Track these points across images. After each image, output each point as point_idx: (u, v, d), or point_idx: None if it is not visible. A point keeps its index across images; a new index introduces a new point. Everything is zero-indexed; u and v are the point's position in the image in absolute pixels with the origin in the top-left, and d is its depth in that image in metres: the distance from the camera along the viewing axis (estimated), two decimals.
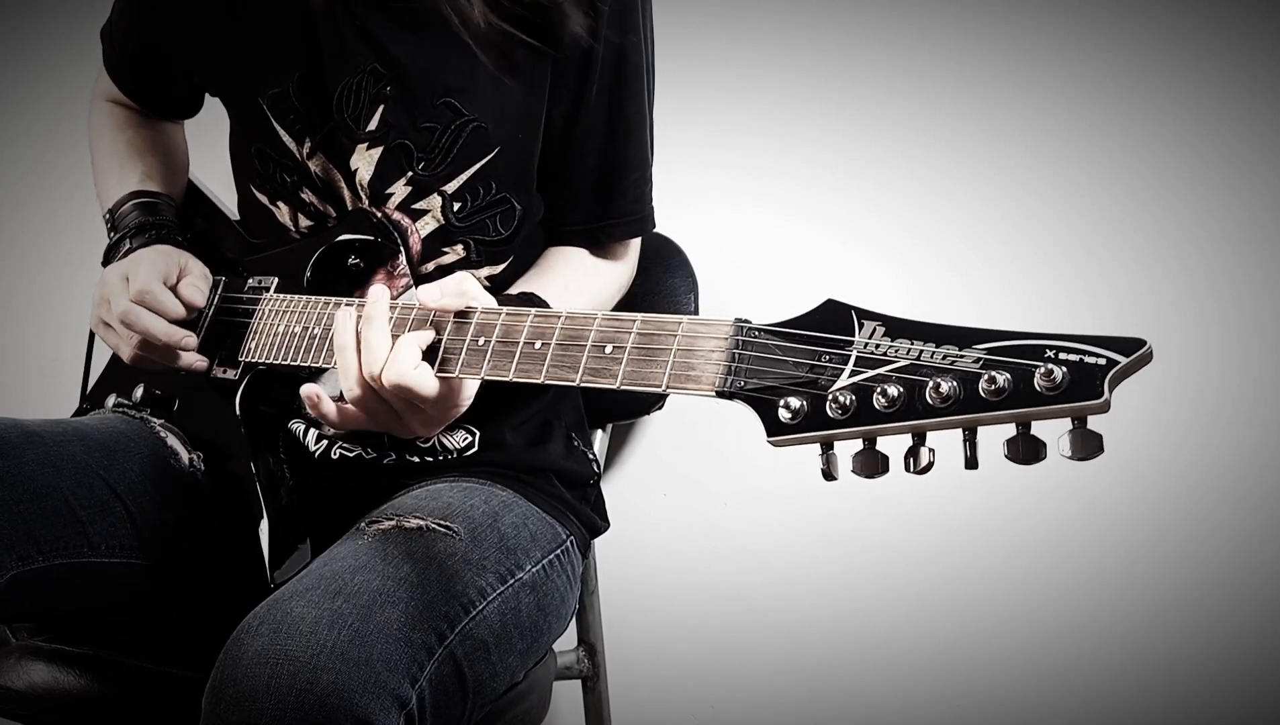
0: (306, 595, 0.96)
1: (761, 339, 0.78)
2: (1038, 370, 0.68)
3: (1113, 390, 0.67)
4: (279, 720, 0.88)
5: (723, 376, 0.79)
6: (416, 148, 1.19)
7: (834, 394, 0.73)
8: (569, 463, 1.30)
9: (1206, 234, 1.57)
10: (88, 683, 1.16)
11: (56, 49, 2.00)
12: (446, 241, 1.22)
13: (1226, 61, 1.56)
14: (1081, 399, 0.67)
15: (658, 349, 0.83)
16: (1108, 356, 0.67)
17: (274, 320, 1.17)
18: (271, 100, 1.21)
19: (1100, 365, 0.67)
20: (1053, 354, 0.68)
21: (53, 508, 1.10)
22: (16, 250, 2.04)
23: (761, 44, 1.71)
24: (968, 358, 0.71)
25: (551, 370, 0.89)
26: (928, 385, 0.70)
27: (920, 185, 1.66)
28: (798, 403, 0.75)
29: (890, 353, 0.73)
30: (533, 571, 1.15)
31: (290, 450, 1.23)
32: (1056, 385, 0.67)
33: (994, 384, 0.69)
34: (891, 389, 0.72)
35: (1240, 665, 1.56)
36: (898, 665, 1.68)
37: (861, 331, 0.75)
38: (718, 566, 1.74)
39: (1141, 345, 0.67)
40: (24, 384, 2.01)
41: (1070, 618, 1.62)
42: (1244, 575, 1.56)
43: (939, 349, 0.72)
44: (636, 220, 1.29)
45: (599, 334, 0.87)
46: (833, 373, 0.74)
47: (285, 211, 1.26)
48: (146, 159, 1.38)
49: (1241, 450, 1.55)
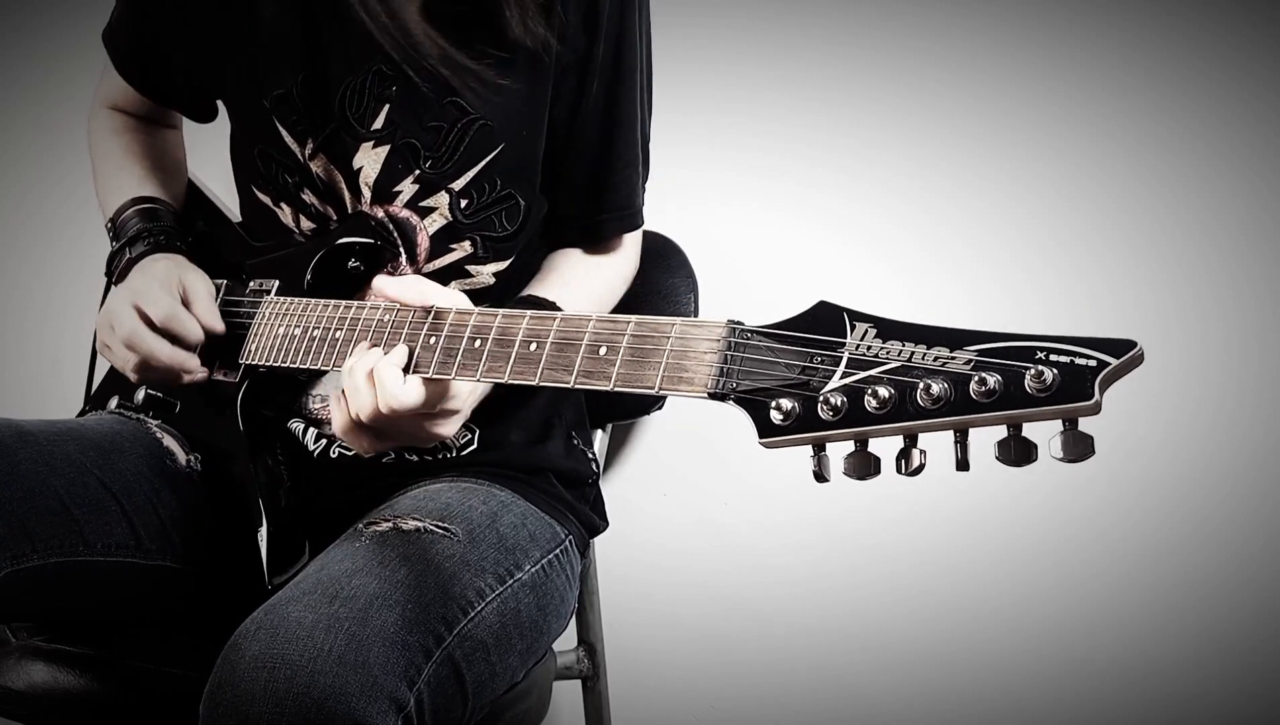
0: (303, 599, 0.96)
1: (754, 340, 0.78)
2: (1028, 372, 0.68)
3: (1104, 392, 0.67)
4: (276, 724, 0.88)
5: (715, 378, 0.79)
6: (424, 146, 1.20)
7: (825, 395, 0.73)
8: (568, 462, 1.31)
9: (1204, 232, 1.57)
10: (88, 683, 1.17)
11: (57, 51, 2.00)
12: (454, 238, 1.23)
13: (1226, 61, 1.56)
14: (1072, 401, 0.66)
15: (651, 350, 0.83)
16: (1098, 358, 0.67)
17: (274, 323, 1.17)
18: (275, 101, 1.22)
19: (1091, 367, 0.67)
20: (1043, 356, 0.68)
21: (47, 506, 1.11)
22: (16, 251, 2.05)
23: (761, 44, 1.71)
24: (958, 359, 0.71)
25: (547, 372, 0.89)
26: (919, 387, 0.70)
27: (920, 185, 1.66)
28: (789, 404, 0.75)
29: (881, 354, 0.73)
30: (532, 571, 1.15)
31: (289, 450, 1.23)
32: (1047, 387, 0.67)
33: (985, 386, 0.69)
34: (883, 390, 0.72)
35: (1240, 665, 1.56)
36: (898, 665, 1.68)
37: (853, 333, 0.75)
38: (718, 566, 1.74)
39: (1132, 347, 0.67)
40: (24, 384, 2.02)
41: (1070, 617, 1.62)
42: (1241, 573, 1.55)
43: (930, 351, 0.72)
44: (627, 215, 1.30)
45: (594, 336, 0.87)
46: (824, 374, 0.74)
47: (288, 213, 1.27)
48: (143, 163, 1.38)
49: (1236, 449, 1.55)
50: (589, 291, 1.27)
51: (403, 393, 0.96)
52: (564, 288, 1.23)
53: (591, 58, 1.21)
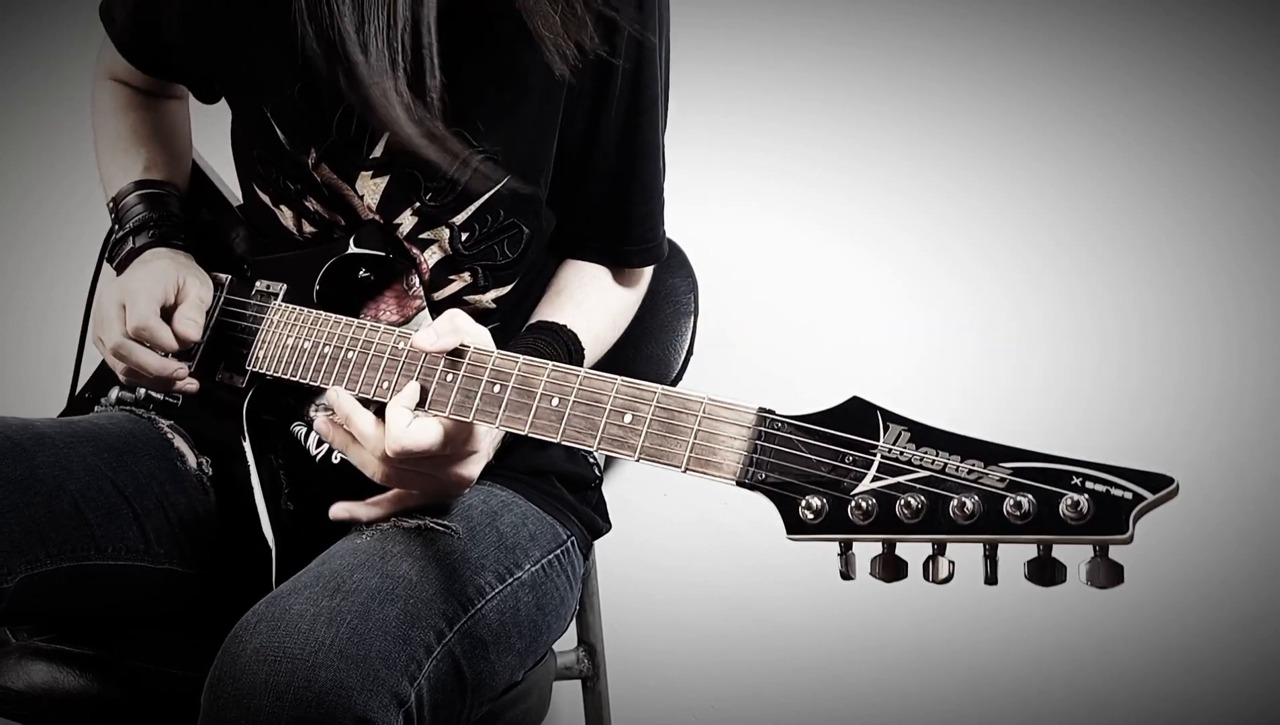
0: (305, 593, 0.96)
1: (784, 433, 0.78)
2: (1063, 499, 0.68)
3: (1135, 525, 0.67)
4: (277, 717, 0.88)
5: (744, 467, 0.79)
6: (424, 177, 1.16)
7: (857, 498, 0.74)
8: (570, 465, 1.30)
9: (1204, 231, 1.57)
10: (88, 683, 1.17)
11: (57, 51, 1.96)
12: (453, 270, 1.20)
13: (1226, 61, 1.55)
14: (1106, 533, 0.67)
15: (678, 427, 0.83)
16: (1134, 491, 0.67)
17: (282, 331, 1.15)
18: (274, 107, 1.18)
19: (1127, 499, 0.67)
20: (1079, 482, 0.68)
21: (62, 510, 1.10)
22: (16, 250, 2.02)
23: (762, 44, 1.69)
24: (992, 476, 0.71)
25: (569, 432, 0.89)
26: (952, 501, 0.71)
27: (920, 185, 1.65)
28: (819, 502, 0.75)
29: (915, 461, 0.73)
30: (531, 571, 1.15)
31: (291, 454, 1.23)
32: (1082, 515, 0.68)
33: (1019, 509, 0.69)
34: (914, 500, 0.72)
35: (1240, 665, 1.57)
36: (898, 665, 1.70)
37: (886, 435, 0.75)
38: (718, 566, 1.75)
39: (1169, 483, 0.67)
40: (24, 384, 2.00)
41: (1070, 617, 1.63)
42: (1241, 572, 1.57)
43: (964, 463, 0.72)
44: (654, 247, 1.28)
45: (619, 400, 0.87)
46: (855, 476, 0.74)
47: (289, 215, 1.24)
48: (150, 145, 1.34)
49: (1236, 448, 1.56)
50: (600, 314, 1.24)
51: (411, 433, 0.94)
52: (577, 310, 1.21)
53: (610, 80, 1.17)
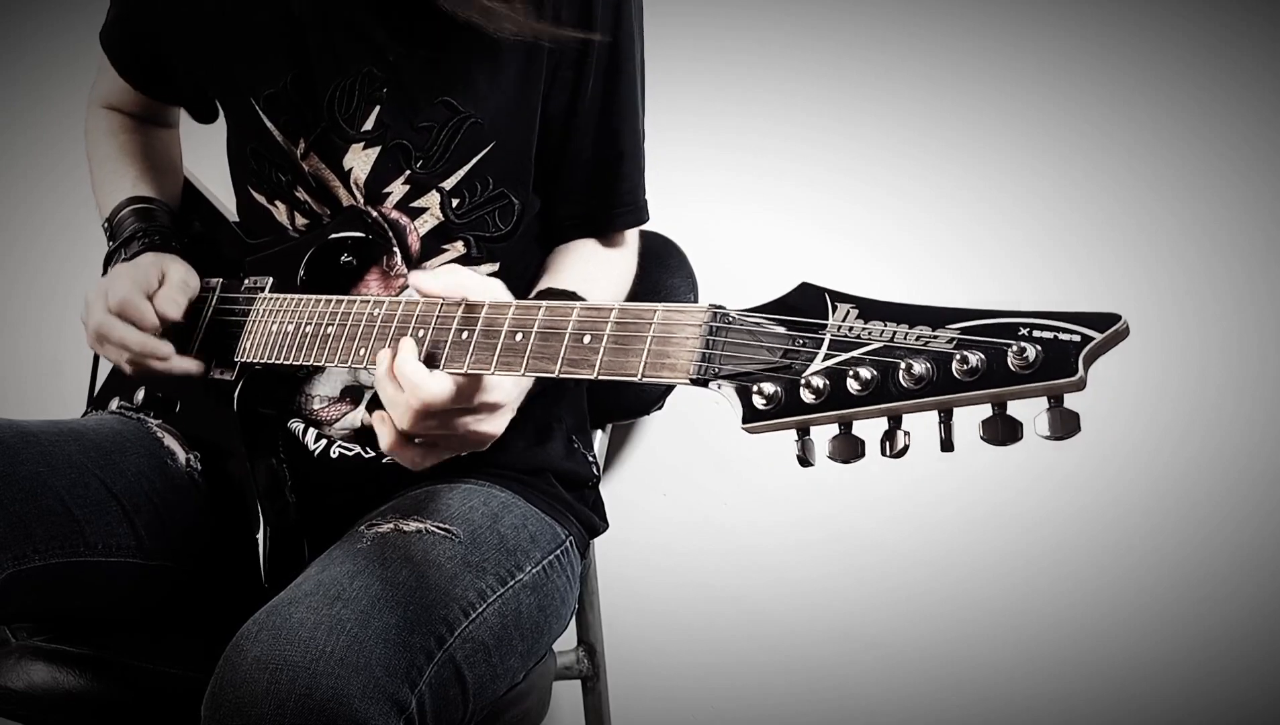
0: (305, 601, 0.96)
1: (736, 324, 0.77)
2: (1010, 349, 0.66)
3: (1088, 367, 0.65)
4: None
5: (697, 363, 0.78)
6: (414, 147, 1.19)
7: (807, 378, 0.72)
8: (568, 464, 1.30)
9: (1201, 228, 1.56)
10: (88, 683, 1.16)
11: (57, 51, 2.01)
12: (446, 238, 1.22)
13: (1226, 61, 1.56)
14: (1056, 377, 0.65)
15: (634, 337, 0.82)
16: (1082, 332, 0.65)
17: (268, 320, 1.17)
18: (265, 101, 1.22)
19: (1074, 342, 0.65)
20: (1026, 332, 0.67)
21: (48, 507, 1.10)
22: (17, 250, 2.06)
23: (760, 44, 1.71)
24: (941, 338, 0.69)
25: (532, 362, 0.88)
26: (900, 367, 0.69)
27: (920, 184, 1.66)
28: (771, 388, 0.74)
29: (863, 335, 0.72)
30: (533, 572, 1.15)
31: (289, 450, 1.23)
32: (1030, 364, 0.66)
33: (967, 364, 0.67)
34: (864, 372, 0.70)
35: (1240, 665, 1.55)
36: (898, 664, 1.68)
37: (835, 314, 0.74)
38: (718, 566, 1.74)
39: (1116, 320, 0.65)
40: (24, 384, 2.03)
41: (1070, 616, 1.61)
42: (1241, 570, 1.55)
43: (912, 330, 0.71)
44: (635, 209, 1.29)
45: (577, 324, 0.87)
46: (806, 357, 0.73)
47: (283, 211, 1.27)
48: (139, 163, 1.38)
49: (1237, 445, 1.54)
50: (605, 284, 1.24)
51: (431, 383, 0.93)
52: (582, 280, 1.21)
53: (587, 51, 1.20)
